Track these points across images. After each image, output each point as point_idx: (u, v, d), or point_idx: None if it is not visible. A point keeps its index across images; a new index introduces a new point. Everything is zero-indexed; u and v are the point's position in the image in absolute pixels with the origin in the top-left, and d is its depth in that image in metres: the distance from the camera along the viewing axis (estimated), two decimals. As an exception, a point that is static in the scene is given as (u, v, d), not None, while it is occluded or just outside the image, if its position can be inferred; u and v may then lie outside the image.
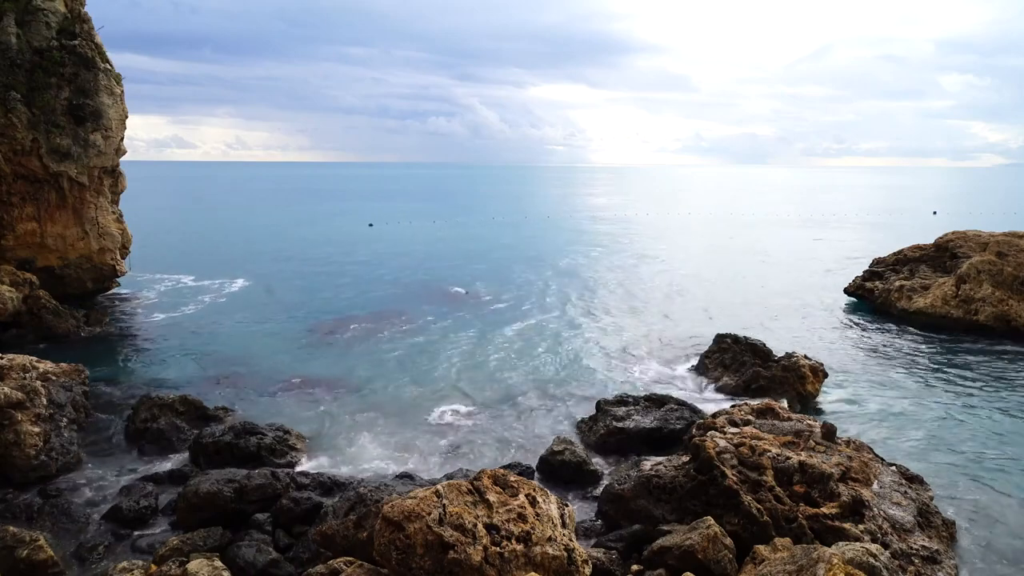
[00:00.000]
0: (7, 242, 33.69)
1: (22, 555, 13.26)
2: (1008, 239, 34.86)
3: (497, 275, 49.10)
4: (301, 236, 72.78)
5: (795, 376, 23.92)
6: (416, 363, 28.25)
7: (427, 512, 11.11)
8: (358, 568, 11.82)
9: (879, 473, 15.98)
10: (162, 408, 21.02)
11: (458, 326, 34.34)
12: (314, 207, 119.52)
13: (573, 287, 45.16)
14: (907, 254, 40.06)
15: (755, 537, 13.62)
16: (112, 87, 35.49)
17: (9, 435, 17.72)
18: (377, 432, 21.35)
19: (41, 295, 31.67)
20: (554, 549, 11.32)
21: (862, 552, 11.04)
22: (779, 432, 16.84)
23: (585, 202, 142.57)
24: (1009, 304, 32.30)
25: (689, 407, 21.54)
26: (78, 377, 21.92)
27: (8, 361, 19.94)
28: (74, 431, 19.60)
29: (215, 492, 15.64)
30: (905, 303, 35.66)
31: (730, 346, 26.41)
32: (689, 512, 14.79)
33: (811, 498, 14.39)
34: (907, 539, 13.94)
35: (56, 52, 33.52)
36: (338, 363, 27.98)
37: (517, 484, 12.32)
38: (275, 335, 32.33)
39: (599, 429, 20.77)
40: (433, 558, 10.74)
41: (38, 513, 15.91)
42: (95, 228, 36.07)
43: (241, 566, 13.57)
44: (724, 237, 76.56)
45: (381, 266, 53.28)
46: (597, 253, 62.04)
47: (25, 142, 32.62)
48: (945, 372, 27.30)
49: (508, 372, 27.23)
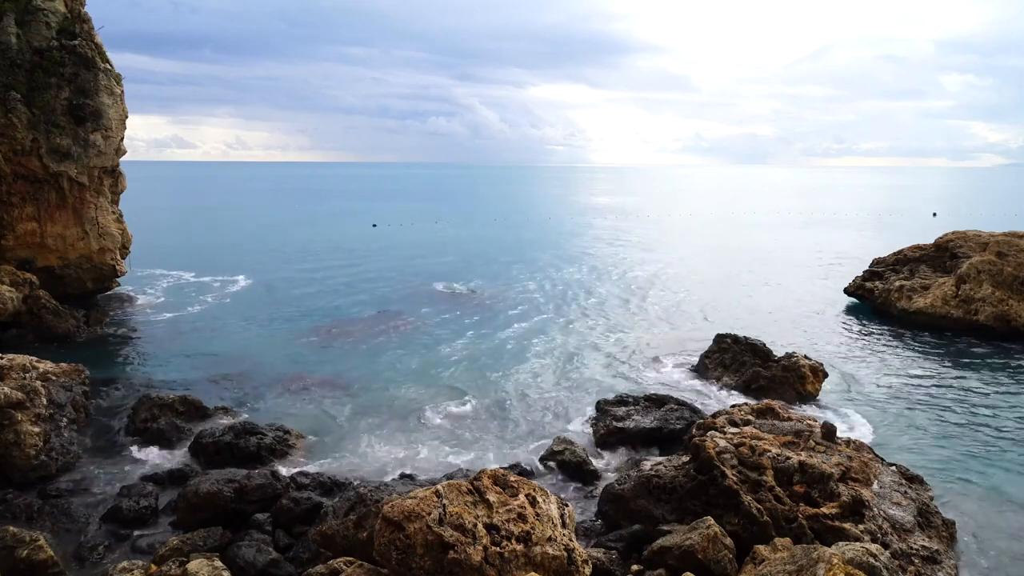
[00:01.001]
0: (7, 242, 33.68)
1: (22, 555, 13.26)
2: (1008, 239, 34.85)
3: (498, 275, 49.10)
4: (302, 236, 72.78)
5: (795, 376, 23.92)
6: (416, 363, 28.25)
7: (427, 512, 11.11)
8: (358, 568, 11.82)
9: (879, 473, 15.98)
10: (162, 408, 21.02)
11: (459, 326, 34.34)
12: (315, 207, 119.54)
13: (573, 287, 45.17)
14: (907, 254, 40.06)
15: (755, 537, 13.62)
16: (112, 87, 35.49)
17: (9, 435, 17.71)
18: (377, 432, 21.35)
19: (41, 295, 31.66)
20: (554, 549, 11.32)
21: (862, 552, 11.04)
22: (779, 432, 16.84)
23: (585, 202, 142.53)
24: (1009, 304, 32.29)
25: (689, 407, 21.55)
26: (78, 377, 21.92)
27: (8, 361, 19.94)
28: (74, 431, 19.61)
29: (215, 492, 15.64)
30: (905, 303, 35.66)
31: (730, 346, 26.41)
32: (689, 512, 14.79)
33: (811, 498, 14.39)
34: (907, 539, 13.94)
35: (56, 52, 33.52)
36: (338, 363, 27.98)
37: (517, 484, 12.32)
38: (275, 335, 32.32)
39: (599, 429, 20.77)
40: (433, 558, 10.73)
41: (38, 513, 15.90)
42: (95, 228, 36.06)
43: (241, 566, 13.57)
44: (724, 237, 76.56)
45: (381, 266, 53.27)
46: (597, 253, 62.03)
47: (25, 142, 32.62)
48: (945, 372, 27.30)
49: (508, 372, 27.23)
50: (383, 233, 77.02)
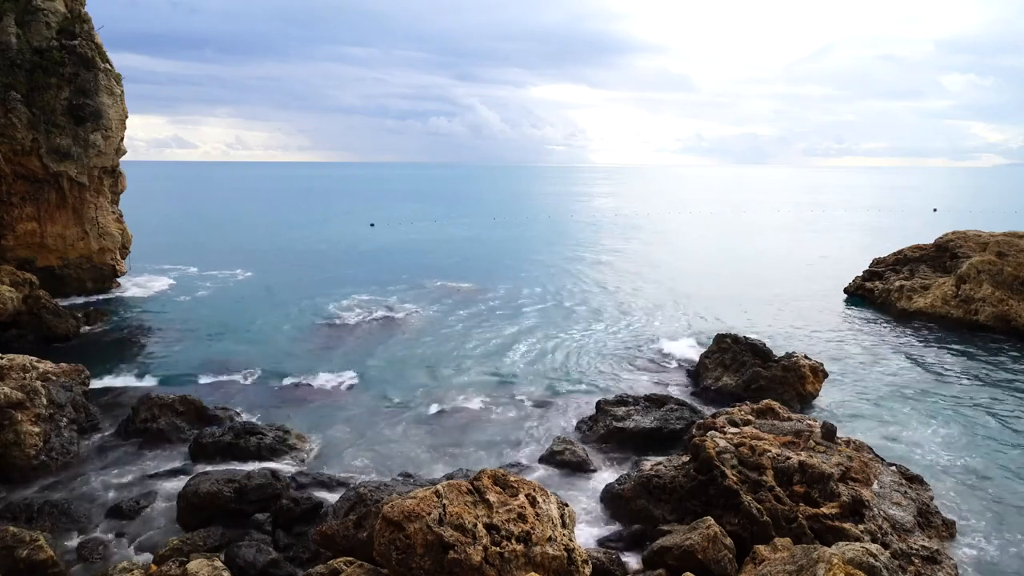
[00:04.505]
0: (7, 242, 33.71)
1: (22, 555, 13.25)
2: (1008, 239, 34.85)
3: (498, 275, 49.09)
4: (302, 236, 72.78)
5: (795, 376, 23.91)
6: (416, 362, 28.25)
7: (427, 512, 11.10)
8: (358, 568, 11.82)
9: (879, 473, 15.98)
10: (162, 408, 21.01)
11: (458, 326, 34.34)
12: (315, 207, 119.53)
13: (573, 287, 45.17)
14: (907, 254, 40.07)
15: (755, 537, 13.62)
16: (112, 87, 35.51)
17: (9, 435, 17.72)
18: (377, 432, 21.35)
19: (41, 295, 31.66)
20: (554, 549, 11.31)
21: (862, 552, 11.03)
22: (779, 432, 16.84)
23: (586, 202, 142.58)
24: (1009, 304, 32.29)
25: (689, 407, 21.55)
26: (78, 377, 21.92)
27: (8, 361, 19.94)
28: (74, 431, 19.60)
29: (215, 492, 15.64)
30: (905, 303, 35.65)
31: (730, 346, 26.39)
32: (689, 512, 14.80)
33: (811, 498, 14.39)
34: (907, 539, 13.94)
35: (56, 52, 33.53)
36: (338, 362, 27.97)
37: (517, 484, 12.31)
38: (275, 335, 32.31)
39: (599, 429, 20.77)
40: (433, 558, 10.73)
41: (38, 513, 15.89)
42: (95, 228, 36.08)
43: (241, 566, 13.57)
44: (724, 237, 76.58)
45: (382, 266, 53.27)
46: (597, 253, 62.02)
47: (25, 142, 32.64)
48: (945, 372, 27.29)
49: (508, 371, 27.23)
50: (384, 233, 77.03)
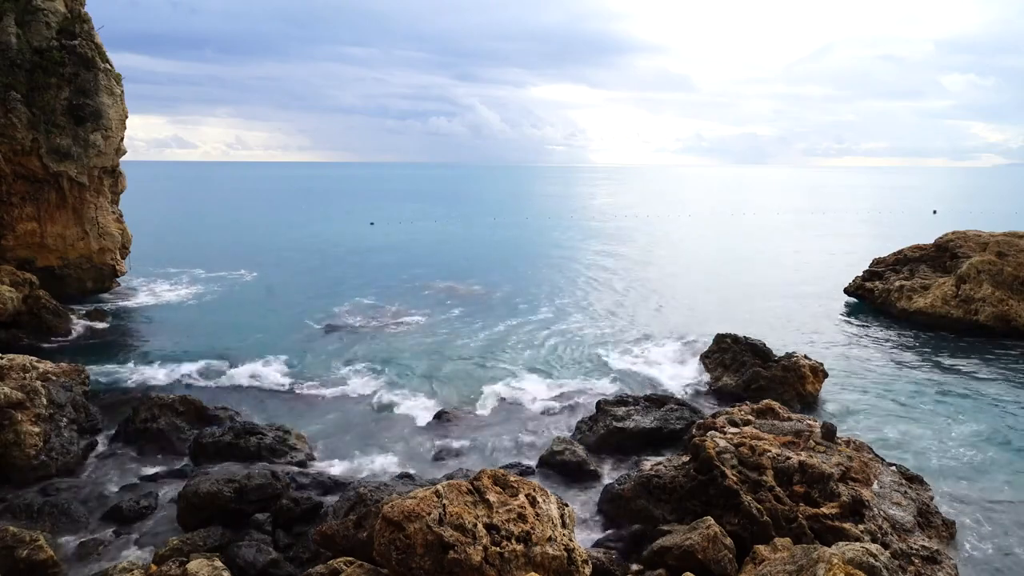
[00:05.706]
0: (7, 242, 33.70)
1: (22, 555, 13.25)
2: (1008, 239, 34.83)
3: (498, 274, 49.08)
4: (302, 236, 72.76)
5: (795, 376, 23.91)
6: (416, 361, 28.24)
7: (427, 512, 11.11)
8: (358, 568, 11.83)
9: (879, 473, 15.98)
10: (162, 408, 21.00)
11: (458, 325, 34.35)
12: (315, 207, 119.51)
13: (573, 287, 45.17)
14: (907, 254, 40.03)
15: (755, 537, 13.62)
16: (112, 87, 35.50)
17: (9, 435, 17.72)
18: (377, 432, 21.35)
19: (41, 295, 31.67)
20: (554, 549, 11.32)
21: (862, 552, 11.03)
22: (779, 432, 16.84)
23: (586, 202, 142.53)
24: (1009, 304, 32.28)
25: (689, 407, 21.54)
26: (78, 377, 21.91)
27: (8, 361, 19.93)
28: (74, 431, 19.59)
29: (215, 492, 15.63)
30: (905, 303, 35.65)
31: (730, 346, 26.39)
32: (689, 512, 14.80)
33: (811, 498, 14.39)
34: (907, 539, 13.94)
35: (56, 52, 33.52)
36: (338, 362, 27.96)
37: (517, 484, 12.31)
38: (275, 335, 32.30)
39: (599, 429, 20.75)
40: (433, 558, 10.73)
41: (38, 513, 15.88)
42: (95, 228, 36.07)
43: (241, 566, 13.57)
44: (724, 237, 76.57)
45: (381, 266, 53.25)
46: (598, 253, 62.02)
47: (25, 142, 32.63)
48: (945, 372, 27.29)
49: (508, 371, 27.21)
50: (385, 233, 77.01)
